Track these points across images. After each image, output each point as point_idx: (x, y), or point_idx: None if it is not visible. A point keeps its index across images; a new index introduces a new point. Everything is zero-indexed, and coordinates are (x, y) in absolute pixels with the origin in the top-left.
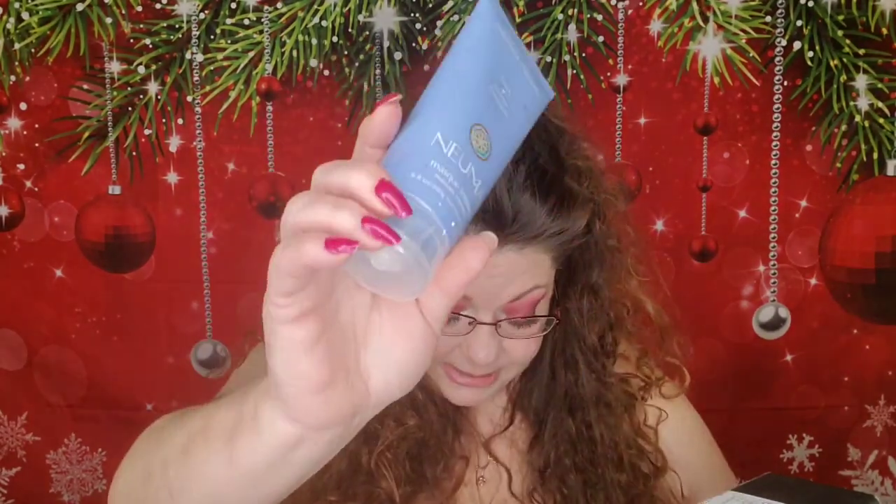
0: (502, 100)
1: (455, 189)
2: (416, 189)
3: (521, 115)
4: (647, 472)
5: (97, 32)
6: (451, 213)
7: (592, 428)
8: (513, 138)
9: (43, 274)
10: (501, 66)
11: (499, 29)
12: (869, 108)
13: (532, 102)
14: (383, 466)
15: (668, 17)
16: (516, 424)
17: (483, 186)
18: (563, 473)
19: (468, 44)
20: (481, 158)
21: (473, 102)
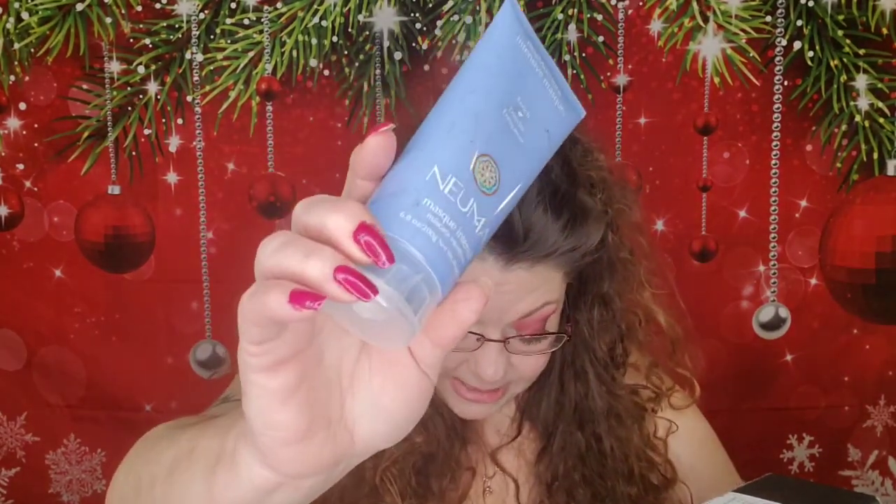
0: (518, 125)
1: (450, 230)
2: (404, 231)
3: (541, 141)
4: (656, 484)
5: (97, 32)
6: (444, 257)
7: (602, 440)
8: (529, 167)
9: (42, 274)
10: (520, 85)
11: (520, 43)
12: (869, 107)
13: (557, 125)
14: (388, 481)
15: (669, 17)
16: (524, 435)
17: (489, 224)
18: (572, 486)
19: (481, 60)
20: (486, 193)
21: (480, 130)
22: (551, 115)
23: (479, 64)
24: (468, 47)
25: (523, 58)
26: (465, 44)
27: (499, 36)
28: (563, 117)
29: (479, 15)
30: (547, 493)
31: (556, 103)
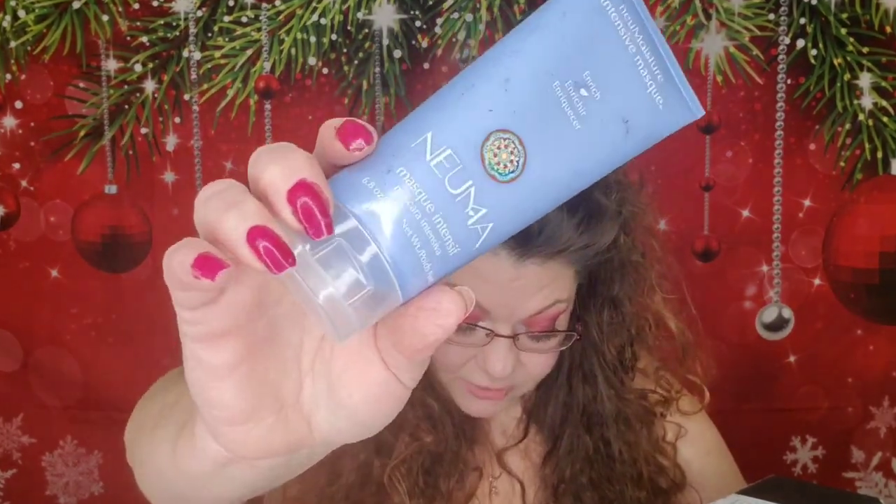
0: (577, 105)
1: (425, 213)
2: (360, 200)
3: (611, 132)
4: (665, 489)
5: (94, 30)
6: (408, 244)
7: (611, 444)
8: (584, 160)
9: (38, 274)
10: (592, 58)
11: (607, 6)
12: (873, 106)
13: (646, 118)
14: (396, 481)
15: (671, 15)
16: (530, 437)
17: (492, 218)
18: (579, 490)
19: (542, 18)
20: (496, 179)
21: (508, 100)
22: (638, 104)
23: (538, 22)
24: (468, 45)
25: (607, 24)
26: (466, 42)
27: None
28: (658, 111)
29: (480, 13)
30: (553, 495)
31: (650, 91)
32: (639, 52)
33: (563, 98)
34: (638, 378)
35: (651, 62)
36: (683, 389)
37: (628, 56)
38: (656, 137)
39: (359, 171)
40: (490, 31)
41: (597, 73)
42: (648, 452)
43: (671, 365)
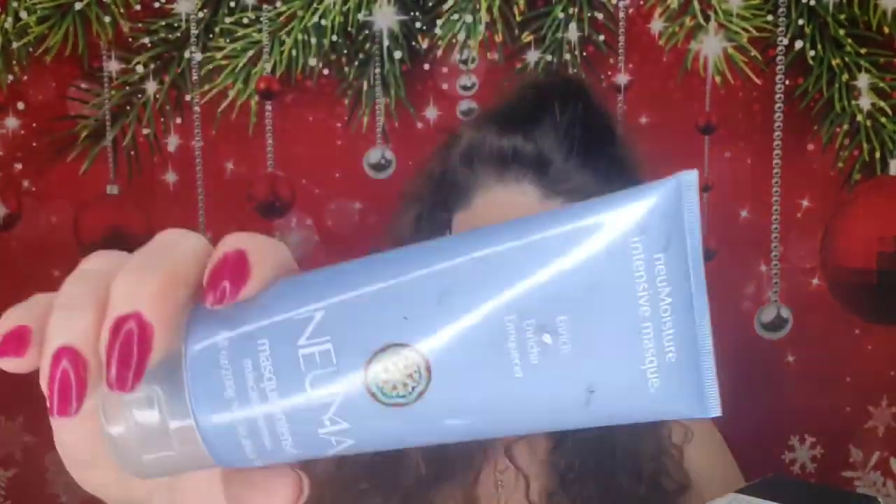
0: (528, 349)
1: (265, 405)
2: (199, 363)
3: (565, 396)
4: (670, 489)
5: (96, 31)
6: (232, 429)
7: (616, 443)
8: (508, 414)
9: (40, 274)
10: (579, 303)
11: (636, 245)
12: (871, 107)
13: (620, 396)
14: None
15: (670, 16)
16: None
17: (355, 435)
18: (582, 483)
19: (535, 229)
20: (378, 399)
21: (435, 313)
22: (618, 377)
23: (527, 231)
24: (468, 46)
25: (623, 271)
26: (466, 43)
27: (612, 203)
28: (647, 394)
29: (480, 14)
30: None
31: (646, 368)
32: (655, 317)
33: (513, 337)
34: None
35: (667, 334)
36: None
37: (634, 317)
38: (629, 420)
39: (225, 315)
40: (490, 33)
41: (577, 323)
42: (654, 453)
43: None
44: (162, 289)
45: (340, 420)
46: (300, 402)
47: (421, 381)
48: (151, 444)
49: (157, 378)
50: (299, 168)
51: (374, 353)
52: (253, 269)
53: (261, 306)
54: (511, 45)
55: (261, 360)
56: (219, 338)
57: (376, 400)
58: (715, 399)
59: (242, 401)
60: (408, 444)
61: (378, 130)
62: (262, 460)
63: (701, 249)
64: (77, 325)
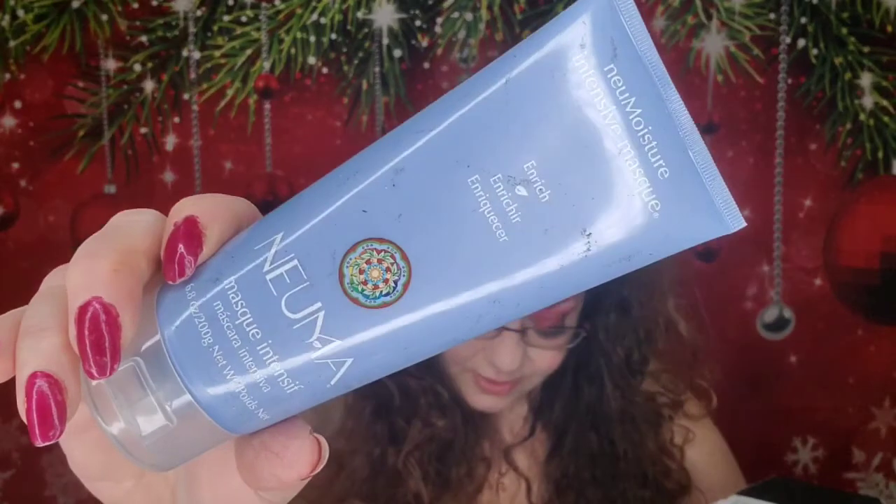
0: (505, 207)
1: (251, 340)
2: (169, 316)
3: (562, 247)
4: (670, 491)
5: (93, 30)
6: (224, 378)
7: (615, 444)
8: (507, 287)
9: (37, 274)
10: (542, 140)
11: (583, 64)
12: (874, 106)
13: (622, 229)
14: (411, 466)
15: (671, 15)
16: (536, 435)
17: (351, 351)
18: (582, 487)
19: (475, 85)
20: (361, 303)
21: (392, 197)
22: (613, 208)
23: (469, 90)
24: (469, 44)
25: (578, 93)
26: (466, 41)
27: (543, 38)
28: (652, 221)
29: (480, 12)
30: (556, 492)
31: (640, 191)
32: (629, 132)
33: (483, 198)
34: (647, 380)
35: (650, 149)
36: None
37: (606, 139)
38: (642, 258)
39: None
40: (490, 31)
41: (547, 162)
42: (654, 454)
43: (680, 368)
44: (114, 267)
45: (330, 337)
46: (282, 328)
47: (401, 273)
48: (152, 426)
49: (140, 355)
50: (298, 167)
51: (344, 256)
52: (207, 231)
53: (223, 253)
54: (512, 44)
55: (231, 298)
56: (187, 295)
57: (361, 305)
58: (732, 208)
59: (224, 346)
60: (413, 354)
61: (378, 129)
62: (267, 411)
63: (654, 47)
64: (45, 346)
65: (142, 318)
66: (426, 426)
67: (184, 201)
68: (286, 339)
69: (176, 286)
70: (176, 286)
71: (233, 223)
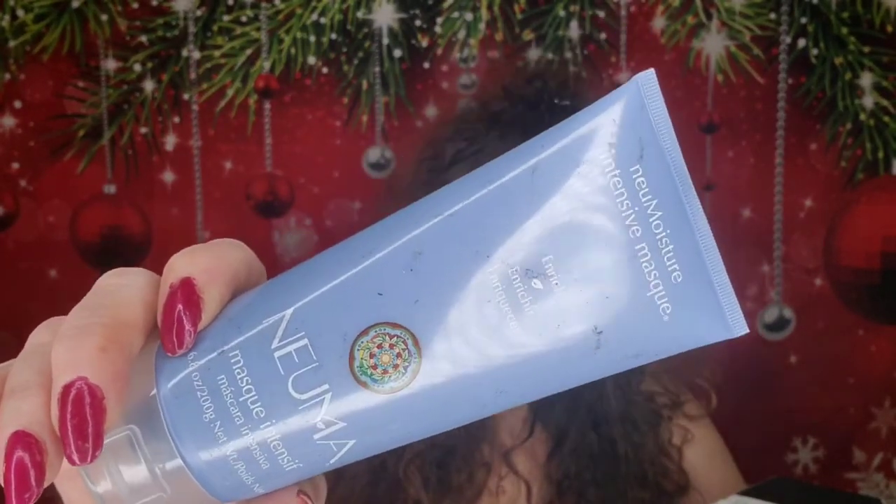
0: (520, 298)
1: (254, 418)
2: (173, 381)
3: (572, 343)
4: (669, 491)
5: (93, 30)
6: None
7: (616, 444)
8: (515, 377)
9: (37, 274)
10: (561, 236)
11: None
12: (874, 106)
13: (632, 329)
14: (411, 473)
15: (672, 14)
16: (536, 436)
17: (354, 433)
18: (583, 488)
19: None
20: (369, 387)
21: (410, 281)
22: (625, 308)
23: (493, 174)
24: (469, 44)
25: (601, 191)
26: (466, 41)
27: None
28: (661, 323)
29: (480, 12)
30: (557, 492)
31: (653, 294)
32: (648, 235)
33: (500, 290)
34: (646, 380)
35: (667, 251)
36: (689, 393)
37: (625, 240)
38: (649, 356)
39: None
40: (490, 31)
41: (565, 257)
42: (654, 454)
43: (680, 368)
44: (102, 344)
45: (335, 420)
46: (287, 408)
47: (412, 359)
48: (142, 492)
49: (135, 421)
50: (298, 167)
51: (356, 339)
52: (205, 295)
53: (227, 320)
54: (512, 44)
55: (235, 373)
56: (189, 363)
57: (368, 388)
58: (737, 314)
59: (225, 421)
60: (415, 435)
61: (377, 129)
62: (263, 485)
63: (679, 150)
64: (26, 407)
65: (140, 381)
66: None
67: (177, 259)
68: (290, 419)
69: (177, 356)
70: (177, 356)
71: (232, 281)
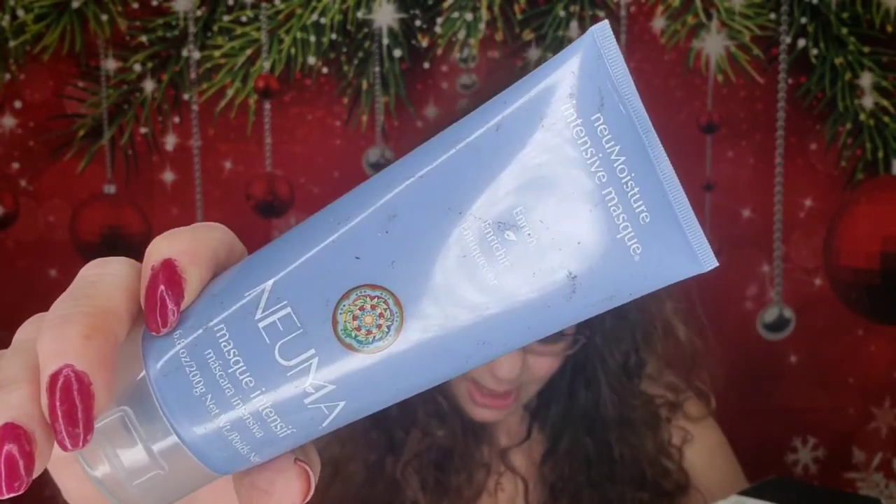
0: (496, 251)
1: (243, 387)
2: (162, 360)
3: (547, 289)
4: (669, 491)
5: (93, 30)
6: (215, 426)
7: (612, 447)
8: (496, 327)
9: (37, 274)
10: (530, 187)
11: (571, 113)
12: (874, 106)
13: (605, 271)
14: (409, 475)
15: (671, 15)
16: (533, 437)
17: (344, 394)
18: (577, 490)
19: (464, 131)
20: (354, 348)
21: (386, 243)
22: (596, 251)
23: (458, 136)
24: (469, 44)
25: (565, 141)
26: (466, 41)
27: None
28: (632, 263)
29: (480, 12)
30: (551, 494)
31: (622, 235)
32: (614, 180)
33: (474, 243)
34: (645, 382)
35: (633, 194)
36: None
37: (593, 186)
38: (623, 297)
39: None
40: (490, 31)
41: (535, 207)
42: (652, 455)
43: (679, 371)
44: (86, 332)
45: (324, 383)
46: (275, 376)
47: (394, 318)
48: (140, 472)
49: (126, 403)
50: (298, 167)
51: (337, 303)
52: (187, 275)
53: (210, 296)
54: (512, 44)
55: (222, 346)
56: (175, 342)
57: (354, 350)
58: (706, 249)
59: (216, 394)
60: (404, 391)
61: (377, 129)
62: (259, 454)
63: (637, 95)
64: (14, 400)
65: (128, 365)
66: (425, 436)
67: (158, 241)
68: (280, 385)
69: (164, 336)
70: (164, 336)
71: (212, 260)
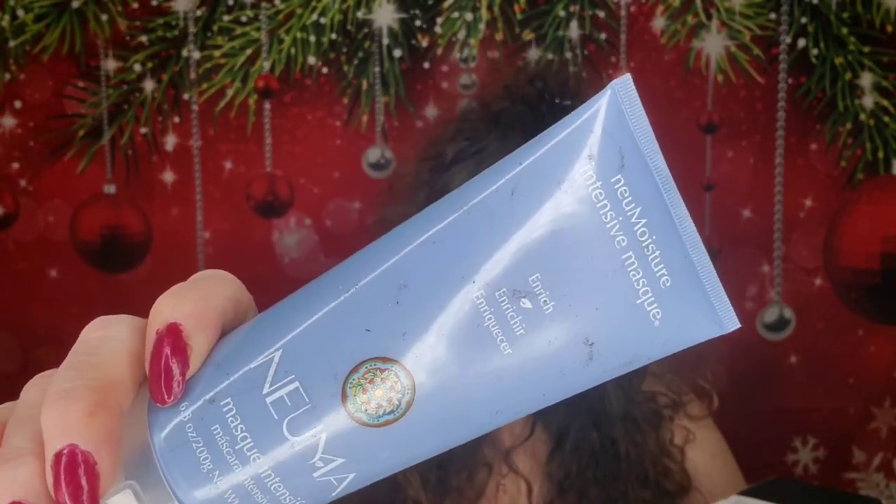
0: (510, 320)
1: (252, 463)
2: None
3: (564, 357)
4: (671, 491)
5: (93, 30)
6: (224, 502)
7: (617, 444)
8: (510, 397)
9: (37, 274)
10: (546, 254)
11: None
12: (874, 106)
13: (623, 338)
14: (410, 474)
15: (672, 14)
16: (536, 436)
17: (353, 467)
18: (584, 487)
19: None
20: (364, 422)
21: (396, 314)
22: (615, 317)
23: (469, 197)
24: (469, 44)
25: (583, 205)
26: (466, 41)
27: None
28: (652, 328)
29: (480, 12)
30: (558, 492)
31: (642, 301)
32: (634, 244)
33: (488, 313)
34: (648, 380)
35: (654, 257)
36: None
37: (612, 251)
38: (641, 361)
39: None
40: (490, 31)
41: (552, 274)
42: (655, 454)
43: (682, 369)
44: (90, 409)
45: (333, 457)
46: (284, 451)
47: (405, 391)
48: None
49: (133, 474)
50: (298, 167)
51: (347, 376)
52: (192, 341)
53: (216, 365)
54: (512, 44)
55: (229, 421)
56: (181, 413)
57: (364, 424)
58: (728, 310)
59: (223, 470)
60: (413, 460)
61: (377, 129)
62: None
63: (660, 153)
64: (21, 476)
65: (134, 432)
66: None
67: (163, 302)
68: (288, 461)
69: (169, 406)
70: (169, 406)
71: (219, 321)
